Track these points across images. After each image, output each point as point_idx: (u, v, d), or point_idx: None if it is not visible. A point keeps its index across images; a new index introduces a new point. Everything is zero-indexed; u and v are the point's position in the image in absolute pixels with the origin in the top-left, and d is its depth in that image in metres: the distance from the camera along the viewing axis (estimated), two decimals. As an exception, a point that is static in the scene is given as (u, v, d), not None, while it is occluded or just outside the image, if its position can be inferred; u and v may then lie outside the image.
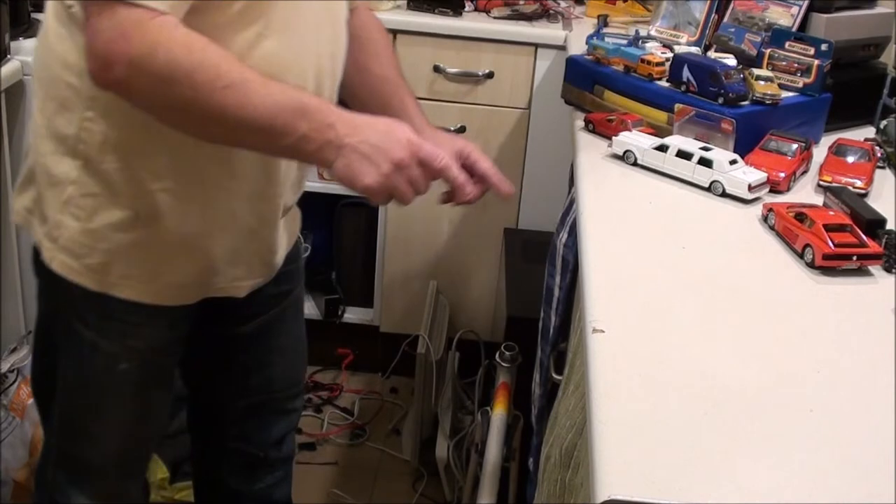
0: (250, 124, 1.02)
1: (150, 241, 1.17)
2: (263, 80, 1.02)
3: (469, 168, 1.35)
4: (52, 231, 1.18)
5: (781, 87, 1.52)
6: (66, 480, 1.33)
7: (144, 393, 1.30)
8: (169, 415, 1.40)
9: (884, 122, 1.56)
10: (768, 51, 1.57)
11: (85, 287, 1.18)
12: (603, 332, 0.93)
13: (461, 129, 2.30)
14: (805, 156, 1.42)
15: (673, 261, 1.12)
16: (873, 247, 1.13)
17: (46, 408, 1.35)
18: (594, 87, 1.64)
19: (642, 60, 1.57)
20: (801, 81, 1.54)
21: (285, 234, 1.34)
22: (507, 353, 1.73)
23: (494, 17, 2.28)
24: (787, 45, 1.57)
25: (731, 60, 1.56)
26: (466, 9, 2.30)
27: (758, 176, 1.32)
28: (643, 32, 1.74)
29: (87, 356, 1.24)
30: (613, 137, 1.44)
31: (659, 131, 1.48)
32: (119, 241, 1.16)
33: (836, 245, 1.11)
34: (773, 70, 1.55)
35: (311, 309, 2.58)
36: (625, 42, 1.66)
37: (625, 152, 1.42)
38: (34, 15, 2.00)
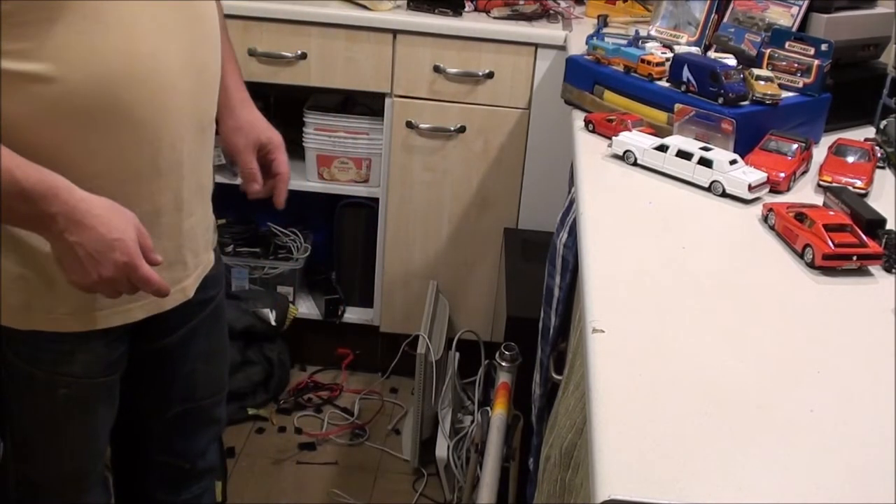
0: None
1: (52, 265, 1.14)
2: None
3: (266, 163, 1.39)
4: None
5: (781, 87, 1.52)
6: (26, 500, 1.33)
7: (90, 413, 1.29)
8: None
9: (884, 122, 1.56)
10: (768, 51, 1.57)
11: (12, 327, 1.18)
12: (603, 332, 0.93)
13: (461, 129, 2.30)
14: (805, 156, 1.42)
15: (673, 261, 1.12)
16: (873, 247, 1.13)
17: (2, 433, 1.35)
18: (594, 87, 1.64)
19: (642, 60, 1.57)
20: (801, 81, 1.54)
21: (200, 230, 1.31)
22: (507, 353, 1.73)
23: (494, 17, 2.28)
24: (787, 45, 1.57)
25: (731, 60, 1.56)
26: (466, 9, 2.30)
27: (758, 176, 1.32)
28: (643, 32, 1.74)
29: (26, 386, 1.24)
30: (613, 137, 1.44)
31: (659, 131, 1.48)
32: (30, 280, 1.15)
33: (836, 245, 1.11)
34: (773, 70, 1.55)
35: (311, 309, 2.58)
36: (625, 42, 1.66)
37: (625, 152, 1.42)
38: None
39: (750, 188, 1.30)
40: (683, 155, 1.35)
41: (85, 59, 1.05)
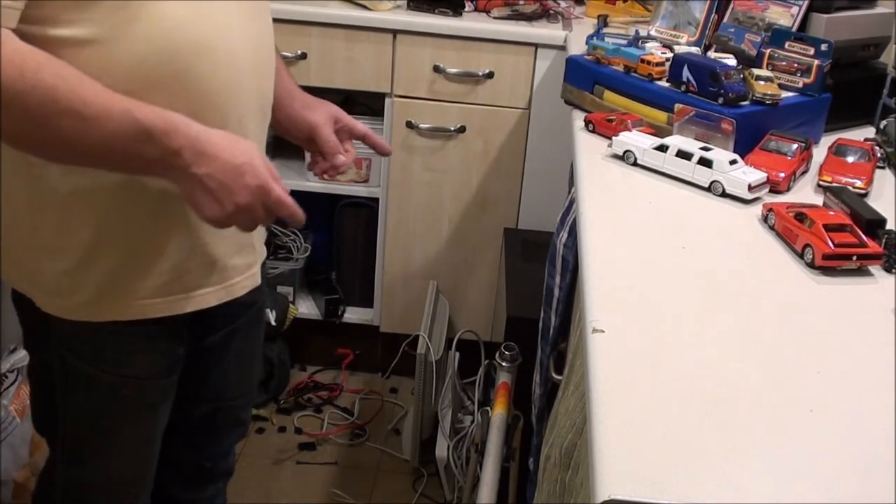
0: (90, 150, 0.99)
1: (128, 249, 1.14)
2: (106, 100, 0.97)
3: (346, 131, 1.41)
4: (34, 277, 1.17)
5: (781, 87, 1.51)
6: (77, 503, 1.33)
7: (149, 414, 1.28)
8: None
9: (884, 122, 1.56)
10: (768, 51, 1.57)
11: (83, 321, 1.17)
12: (603, 332, 0.93)
13: (461, 129, 2.30)
14: (805, 156, 1.42)
15: (673, 261, 1.12)
16: (873, 247, 1.13)
17: (51, 438, 1.35)
18: (594, 87, 1.64)
19: (642, 60, 1.57)
20: (801, 81, 1.54)
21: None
22: (507, 353, 1.73)
23: (494, 17, 2.28)
24: (786, 45, 1.57)
25: (731, 60, 1.56)
26: (466, 9, 2.30)
27: (758, 176, 1.32)
28: (643, 32, 1.74)
29: (87, 388, 1.23)
30: (613, 137, 1.44)
31: (659, 131, 1.48)
32: (100, 270, 1.14)
33: (836, 245, 1.11)
34: (773, 70, 1.55)
35: (311, 309, 2.58)
36: (625, 42, 1.66)
37: (625, 152, 1.42)
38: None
39: (750, 188, 1.30)
40: (683, 155, 1.35)
41: (153, 28, 1.04)
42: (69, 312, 1.17)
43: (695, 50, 1.65)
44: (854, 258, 1.11)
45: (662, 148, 1.37)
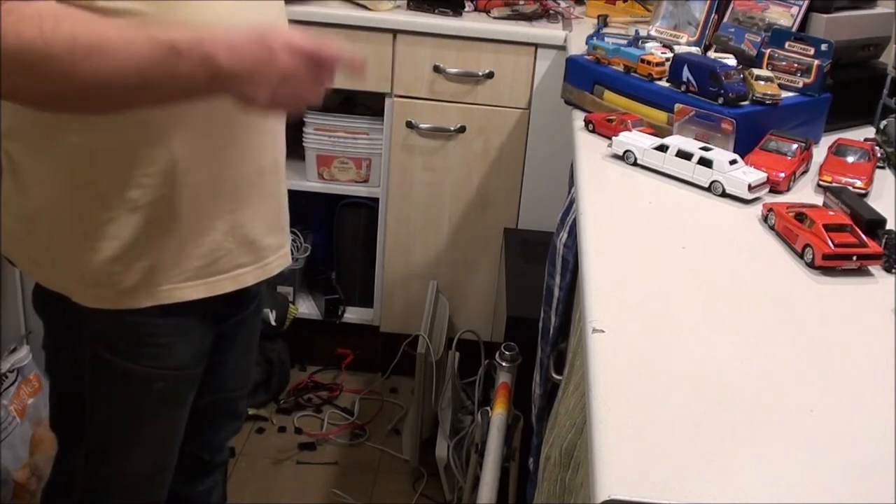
0: (125, 83, 0.95)
1: (172, 233, 1.14)
2: (124, 31, 0.95)
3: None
4: (77, 271, 1.16)
5: (781, 87, 1.52)
6: (100, 499, 1.33)
7: (180, 404, 1.30)
8: None
9: (884, 122, 1.56)
10: (768, 51, 1.57)
11: (122, 316, 1.17)
12: (603, 332, 0.93)
13: (461, 129, 2.30)
14: (805, 156, 1.42)
15: (673, 261, 1.12)
16: (873, 247, 1.13)
17: (69, 438, 1.35)
18: (594, 87, 1.64)
19: (642, 60, 1.57)
20: (801, 81, 1.54)
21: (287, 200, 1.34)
22: (507, 353, 1.73)
23: (494, 17, 2.29)
24: (787, 45, 1.57)
25: (731, 60, 1.56)
26: (466, 9, 2.30)
27: (758, 176, 1.32)
28: (643, 32, 1.74)
29: (120, 383, 1.24)
30: (613, 137, 1.44)
31: (659, 131, 1.48)
32: (146, 255, 1.15)
33: (836, 245, 1.11)
34: (773, 70, 1.55)
35: (311, 309, 2.58)
36: (625, 42, 1.66)
37: (625, 152, 1.42)
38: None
39: (750, 188, 1.30)
40: (683, 155, 1.35)
41: (194, 18, 1.05)
42: (112, 302, 1.17)
43: (695, 50, 1.65)
44: (854, 258, 1.11)
45: (662, 148, 1.37)
